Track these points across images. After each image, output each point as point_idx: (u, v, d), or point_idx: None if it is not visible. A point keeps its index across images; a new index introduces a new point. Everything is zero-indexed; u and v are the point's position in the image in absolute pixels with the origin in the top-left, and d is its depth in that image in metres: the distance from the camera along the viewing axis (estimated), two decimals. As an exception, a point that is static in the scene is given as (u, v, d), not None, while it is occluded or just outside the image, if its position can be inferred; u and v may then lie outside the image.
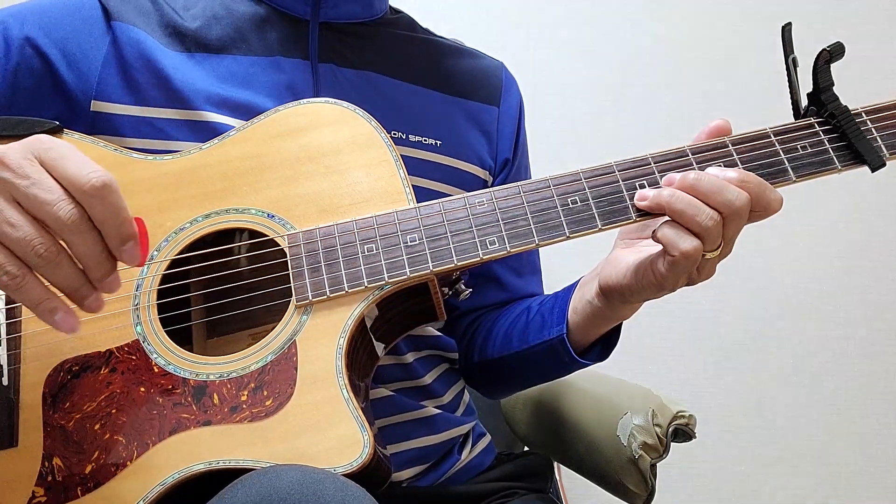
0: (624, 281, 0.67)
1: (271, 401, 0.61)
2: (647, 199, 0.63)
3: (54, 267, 0.52)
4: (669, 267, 0.62)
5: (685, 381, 1.54)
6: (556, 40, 1.56)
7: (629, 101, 1.56)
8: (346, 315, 0.64)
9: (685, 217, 0.61)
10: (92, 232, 0.52)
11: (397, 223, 0.67)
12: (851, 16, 1.60)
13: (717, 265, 0.65)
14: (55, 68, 0.74)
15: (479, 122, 0.88)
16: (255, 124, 0.73)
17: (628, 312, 0.72)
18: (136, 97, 0.75)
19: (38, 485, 0.60)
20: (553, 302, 0.80)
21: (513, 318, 0.85)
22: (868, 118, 0.67)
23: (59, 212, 0.50)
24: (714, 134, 0.67)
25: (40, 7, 0.77)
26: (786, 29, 0.67)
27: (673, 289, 0.64)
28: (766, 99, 1.02)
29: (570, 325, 0.75)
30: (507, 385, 0.92)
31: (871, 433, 1.57)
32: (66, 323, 0.54)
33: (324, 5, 0.82)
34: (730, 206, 0.60)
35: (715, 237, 0.61)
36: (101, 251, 0.53)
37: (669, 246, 0.61)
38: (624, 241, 0.72)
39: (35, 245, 0.50)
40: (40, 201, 0.50)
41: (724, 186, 0.61)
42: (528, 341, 0.80)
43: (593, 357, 0.76)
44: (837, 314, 1.58)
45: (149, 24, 0.78)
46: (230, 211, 0.69)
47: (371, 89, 0.82)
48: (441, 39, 0.92)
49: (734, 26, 1.59)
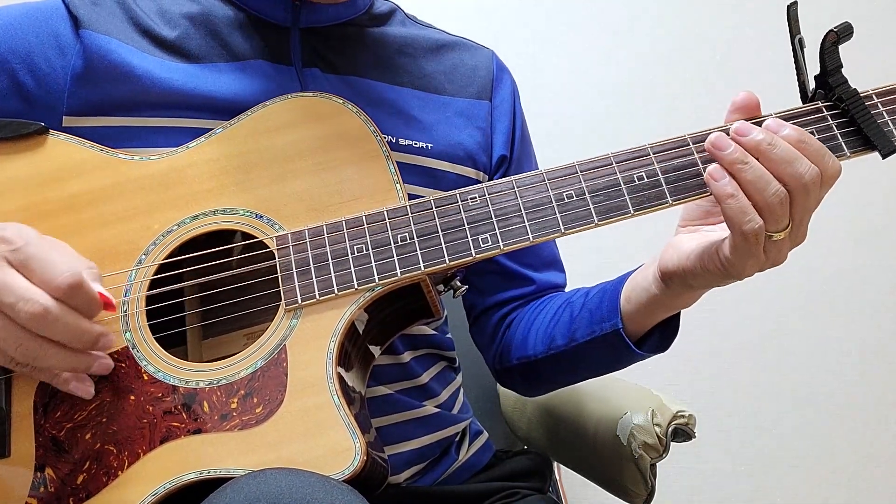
0: (687, 264, 0.64)
1: (261, 408, 0.60)
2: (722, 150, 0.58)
3: (42, 360, 0.57)
4: (733, 250, 0.59)
5: (685, 381, 1.52)
6: (556, 40, 1.53)
7: (630, 100, 1.53)
8: (336, 318, 0.63)
9: (752, 188, 0.56)
10: (59, 321, 0.55)
11: (387, 221, 0.65)
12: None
13: (788, 251, 0.61)
14: (22, 85, 0.72)
15: (472, 119, 0.85)
16: (241, 121, 0.71)
17: (689, 300, 0.69)
18: (110, 108, 0.72)
19: (31, 495, 0.59)
20: (601, 295, 0.76)
21: (551, 315, 0.82)
22: (879, 101, 0.63)
23: (19, 314, 0.54)
24: (741, 109, 0.62)
25: (5, 23, 0.73)
26: (791, 8, 0.63)
27: (740, 276, 0.61)
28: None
29: (624, 316, 0.72)
30: (552, 383, 0.88)
31: (872, 433, 1.55)
32: (80, 390, 0.61)
33: (305, 11, 0.78)
34: (799, 179, 0.56)
35: (780, 216, 0.57)
36: (75, 331, 0.57)
37: (734, 223, 0.57)
38: (686, 226, 0.68)
39: (13, 349, 0.56)
40: (4, 304, 0.54)
41: (797, 157, 0.57)
42: (577, 338, 0.77)
43: (651, 348, 0.73)
44: (837, 314, 1.55)
45: (122, 31, 0.74)
46: (217, 212, 0.68)
47: (358, 95, 0.78)
48: (427, 31, 0.89)
49: (736, 21, 1.55)
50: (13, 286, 0.54)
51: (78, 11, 0.73)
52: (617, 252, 1.43)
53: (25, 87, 0.72)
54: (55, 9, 0.74)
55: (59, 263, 0.56)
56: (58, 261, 0.56)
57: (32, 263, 0.55)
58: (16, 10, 0.74)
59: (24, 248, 0.56)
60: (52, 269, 0.55)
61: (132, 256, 0.67)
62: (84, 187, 0.69)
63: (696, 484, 1.52)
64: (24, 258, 0.55)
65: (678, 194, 0.63)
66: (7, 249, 0.56)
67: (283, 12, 0.78)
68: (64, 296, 0.55)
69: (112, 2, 0.76)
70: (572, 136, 1.52)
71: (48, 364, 0.58)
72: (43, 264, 0.55)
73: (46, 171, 0.69)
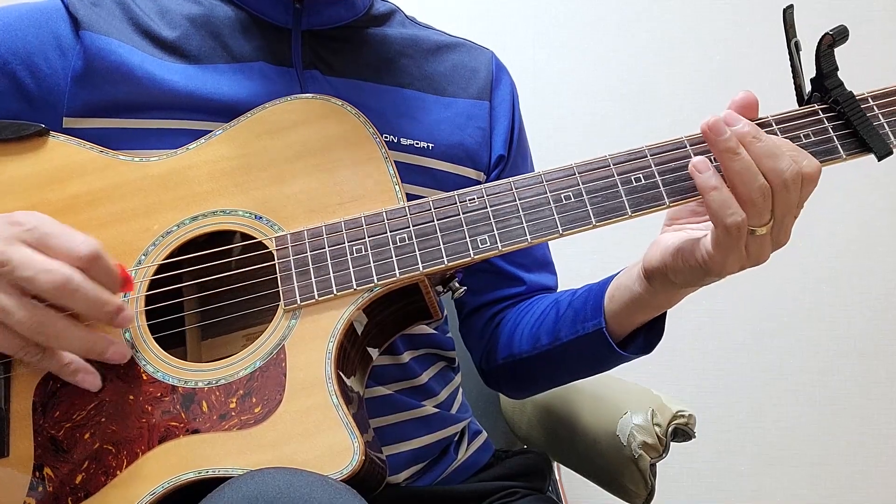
0: (669, 260, 0.64)
1: (260, 408, 0.60)
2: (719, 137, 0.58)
3: (59, 339, 0.57)
4: (716, 245, 0.59)
5: (685, 381, 1.52)
6: (556, 40, 1.54)
7: (630, 102, 1.54)
8: (335, 319, 0.63)
9: (739, 179, 0.57)
10: (81, 288, 0.55)
11: (386, 222, 0.65)
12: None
13: (770, 251, 0.61)
14: (23, 86, 0.72)
15: (472, 119, 0.85)
16: (241, 122, 0.71)
17: (672, 300, 0.69)
18: (110, 109, 0.72)
19: (30, 495, 0.59)
20: (586, 295, 0.77)
21: (538, 314, 0.82)
22: (875, 103, 0.64)
23: (42, 285, 0.54)
24: (740, 108, 0.62)
25: (5, 24, 0.73)
26: (787, 12, 0.64)
27: (721, 273, 0.61)
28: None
29: (608, 316, 0.72)
30: (536, 385, 0.89)
31: (872, 433, 1.55)
32: (87, 382, 0.61)
33: (306, 13, 0.78)
34: (780, 175, 0.57)
35: (762, 209, 0.58)
36: (97, 300, 0.56)
37: (716, 216, 0.58)
38: (672, 224, 0.69)
39: (28, 328, 0.55)
40: (24, 279, 0.54)
41: (780, 153, 0.57)
42: (561, 338, 0.77)
43: (635, 349, 0.73)
44: (837, 314, 1.55)
45: (122, 31, 0.74)
46: (217, 213, 0.68)
47: (359, 97, 0.78)
48: (427, 32, 0.89)
49: (736, 22, 1.55)
50: (31, 261, 0.54)
51: (78, 12, 0.73)
52: (618, 252, 1.43)
53: (26, 88, 0.72)
54: (55, 10, 0.74)
55: (77, 235, 0.56)
56: (75, 234, 0.57)
57: (50, 239, 0.56)
58: (16, 11, 0.74)
59: (40, 227, 0.56)
60: (70, 241, 0.56)
61: (132, 257, 0.67)
62: (84, 188, 0.69)
63: (696, 484, 1.52)
64: (40, 235, 0.56)
65: (675, 195, 0.63)
66: (21, 230, 0.56)
67: (284, 14, 0.78)
68: (86, 264, 0.56)
69: (112, 2, 0.76)
70: (572, 136, 1.52)
71: (64, 342, 0.57)
72: (61, 238, 0.56)
73: (46, 173, 0.70)
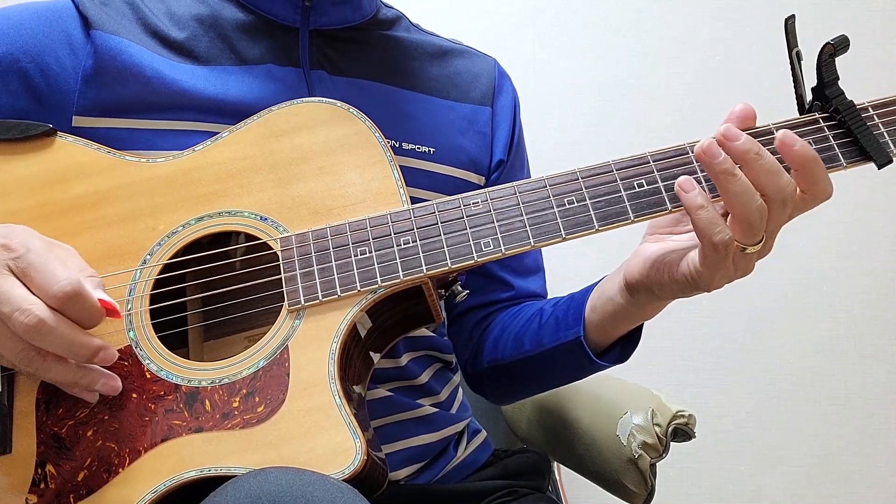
0: (652, 274, 0.64)
1: (263, 407, 0.60)
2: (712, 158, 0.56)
3: (43, 372, 0.57)
4: (703, 262, 0.59)
5: (685, 381, 1.52)
6: (556, 40, 1.54)
7: (630, 102, 1.54)
8: (338, 319, 0.63)
9: (736, 201, 0.56)
10: (53, 332, 0.54)
11: (390, 225, 0.66)
12: (856, 8, 1.57)
13: (755, 261, 0.61)
14: (33, 85, 0.72)
15: (474, 124, 0.86)
16: (248, 125, 0.72)
17: (653, 311, 0.69)
18: (119, 109, 0.72)
19: (32, 492, 0.60)
20: (568, 303, 0.77)
21: (524, 321, 0.83)
22: (875, 113, 0.65)
23: (15, 325, 0.53)
24: (737, 120, 0.62)
25: (16, 22, 0.74)
26: (789, 22, 0.65)
27: (709, 287, 0.61)
28: (769, 96, 1.00)
29: (588, 326, 0.73)
30: (518, 390, 0.90)
31: (872, 433, 1.55)
32: (85, 395, 0.61)
33: (314, 13, 0.79)
34: (781, 192, 0.57)
35: (758, 230, 0.57)
36: (70, 344, 0.56)
37: (704, 234, 0.57)
38: (654, 234, 0.68)
39: (15, 358, 0.56)
40: (2, 314, 0.53)
41: (781, 170, 0.57)
42: (543, 344, 0.78)
43: (611, 359, 0.74)
44: (837, 314, 1.56)
45: (132, 31, 0.75)
46: (223, 214, 0.69)
47: (363, 97, 0.79)
48: (432, 38, 0.90)
49: (735, 23, 1.56)
50: (11, 295, 0.53)
51: (87, 12, 0.74)
52: (618, 252, 1.44)
53: (36, 87, 0.73)
54: (66, 9, 0.75)
55: (58, 272, 0.55)
56: (57, 269, 0.55)
57: (31, 272, 0.55)
58: (27, 10, 0.75)
59: (26, 256, 0.55)
60: (50, 279, 0.54)
61: (137, 256, 0.67)
62: (90, 188, 0.70)
63: (696, 484, 1.52)
64: (25, 266, 0.55)
65: (677, 201, 0.63)
66: (9, 257, 0.55)
67: (292, 13, 0.79)
68: (60, 305, 0.54)
69: (121, 2, 0.77)
70: (572, 136, 1.53)
71: (49, 377, 0.58)
72: (41, 273, 0.55)
73: (53, 172, 0.70)
